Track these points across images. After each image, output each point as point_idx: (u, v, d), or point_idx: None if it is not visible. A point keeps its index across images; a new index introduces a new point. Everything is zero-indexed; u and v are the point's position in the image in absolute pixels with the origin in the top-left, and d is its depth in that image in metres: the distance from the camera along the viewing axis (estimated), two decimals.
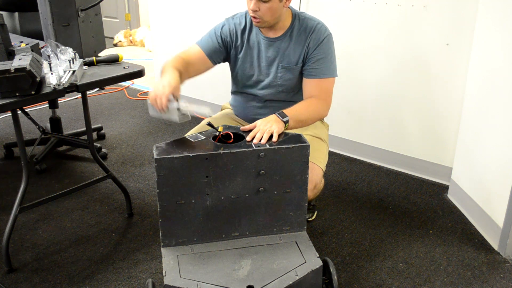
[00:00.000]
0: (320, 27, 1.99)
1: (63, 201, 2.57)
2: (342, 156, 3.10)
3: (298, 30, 1.99)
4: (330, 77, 2.00)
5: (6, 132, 3.44)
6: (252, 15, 1.90)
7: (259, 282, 1.58)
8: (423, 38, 2.62)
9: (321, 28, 1.99)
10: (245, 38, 2.04)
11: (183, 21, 3.64)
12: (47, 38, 2.36)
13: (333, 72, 2.01)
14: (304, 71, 2.01)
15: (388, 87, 2.83)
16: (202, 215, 1.72)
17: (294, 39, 1.99)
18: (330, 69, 2.00)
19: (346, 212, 2.51)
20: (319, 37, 1.97)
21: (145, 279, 2.03)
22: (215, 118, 2.21)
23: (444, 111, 2.67)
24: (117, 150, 3.19)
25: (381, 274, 2.07)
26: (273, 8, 1.87)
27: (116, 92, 4.27)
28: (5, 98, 1.83)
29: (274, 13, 1.89)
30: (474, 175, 2.43)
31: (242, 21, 2.05)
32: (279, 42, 2.00)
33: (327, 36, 1.99)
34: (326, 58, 1.98)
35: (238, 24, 2.05)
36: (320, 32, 1.98)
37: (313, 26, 1.98)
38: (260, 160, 1.67)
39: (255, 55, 2.05)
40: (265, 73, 2.05)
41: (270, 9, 1.86)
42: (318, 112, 1.99)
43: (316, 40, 1.97)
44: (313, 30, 1.98)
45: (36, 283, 2.02)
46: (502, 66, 2.15)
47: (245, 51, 2.05)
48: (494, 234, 2.25)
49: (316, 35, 1.97)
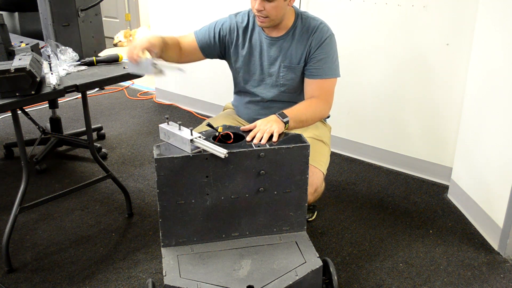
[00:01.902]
0: (322, 27, 1.98)
1: (63, 201, 2.57)
2: (342, 156, 3.10)
3: (301, 29, 1.99)
4: (332, 77, 2.00)
5: (6, 132, 3.44)
6: (257, 15, 1.90)
7: (259, 282, 1.58)
8: (423, 38, 2.62)
9: (323, 28, 1.98)
10: (247, 37, 2.04)
11: (183, 21, 3.63)
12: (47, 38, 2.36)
13: (334, 73, 2.01)
14: (306, 71, 2.00)
15: (388, 87, 2.83)
16: (202, 215, 1.72)
17: (296, 39, 1.99)
18: (332, 69, 1.99)
19: (346, 212, 2.51)
20: (321, 37, 1.96)
21: (145, 279, 2.03)
22: (217, 119, 2.21)
23: (444, 111, 2.67)
24: (117, 150, 3.19)
25: (381, 274, 2.07)
26: (278, 7, 1.87)
27: (116, 92, 4.27)
28: (5, 98, 1.83)
29: (279, 12, 1.89)
30: (474, 175, 2.43)
31: (244, 19, 2.05)
32: (282, 41, 2.00)
33: (329, 36, 1.98)
34: (328, 58, 1.98)
35: (241, 22, 2.04)
36: (323, 32, 1.97)
37: (316, 25, 1.98)
38: (260, 160, 1.67)
39: (257, 54, 2.04)
40: (267, 72, 2.05)
41: (275, 8, 1.86)
42: (319, 112, 1.99)
43: (318, 40, 1.96)
44: (316, 30, 1.97)
45: (36, 283, 2.02)
46: (502, 66, 2.15)
47: (247, 50, 2.04)
48: (494, 234, 2.25)
49: (319, 35, 1.97)
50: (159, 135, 1.74)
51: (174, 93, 3.95)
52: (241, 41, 2.05)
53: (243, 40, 2.05)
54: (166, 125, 1.72)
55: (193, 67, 2.20)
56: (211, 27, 2.06)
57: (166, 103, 4.01)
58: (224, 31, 2.04)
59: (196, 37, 2.05)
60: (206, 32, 2.05)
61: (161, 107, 3.95)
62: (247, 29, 2.04)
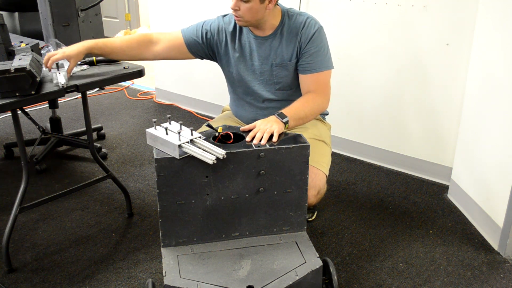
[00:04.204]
0: (310, 21, 1.98)
1: (63, 201, 2.57)
2: (342, 156, 3.10)
3: (289, 27, 1.98)
4: (326, 70, 1.99)
5: (6, 132, 3.44)
6: (233, 14, 1.91)
7: (259, 282, 1.58)
8: (423, 38, 2.62)
9: (311, 22, 1.98)
10: (236, 38, 2.03)
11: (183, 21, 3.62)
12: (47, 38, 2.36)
13: (327, 65, 2.00)
14: (299, 66, 2.00)
15: (388, 87, 2.83)
16: (202, 215, 1.72)
17: (285, 36, 1.98)
18: (325, 62, 1.99)
19: (346, 212, 2.51)
20: (309, 31, 1.96)
21: (145, 279, 2.03)
22: (216, 121, 2.21)
23: (444, 111, 2.67)
24: (117, 150, 3.19)
25: (381, 274, 2.07)
26: (253, 9, 1.86)
27: (116, 92, 4.27)
28: (5, 98, 1.83)
29: (254, 14, 1.88)
30: (474, 175, 2.43)
31: (232, 20, 2.04)
32: (271, 40, 1.99)
33: (318, 29, 1.97)
34: (319, 52, 1.97)
35: (228, 23, 2.04)
36: (311, 26, 1.96)
37: (303, 21, 1.97)
38: (260, 160, 1.67)
39: (248, 55, 2.04)
40: (259, 72, 2.04)
41: (249, 9, 1.86)
42: (317, 106, 1.98)
43: (308, 35, 1.96)
44: (304, 25, 1.97)
45: (36, 283, 2.02)
46: (502, 66, 2.15)
47: (238, 52, 2.04)
48: (494, 234, 2.25)
49: (307, 29, 1.96)
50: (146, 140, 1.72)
51: (174, 93, 3.95)
52: (230, 42, 2.04)
53: (232, 41, 2.04)
54: (153, 129, 1.69)
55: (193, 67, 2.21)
56: (199, 26, 2.06)
57: (166, 103, 4.01)
58: (211, 32, 2.04)
59: (183, 34, 2.06)
60: (194, 30, 2.06)
61: (161, 107, 3.95)
62: (235, 30, 2.03)
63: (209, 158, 1.56)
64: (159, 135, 1.65)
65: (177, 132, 1.63)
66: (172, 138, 1.62)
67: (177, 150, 1.59)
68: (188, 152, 1.60)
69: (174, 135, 1.63)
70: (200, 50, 2.07)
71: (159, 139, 1.65)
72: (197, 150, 1.59)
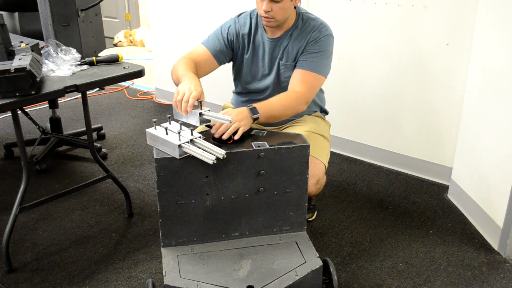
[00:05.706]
0: (322, 27, 2.00)
1: (63, 201, 2.57)
2: (342, 156, 3.10)
3: (300, 29, 2.00)
4: (317, 73, 1.98)
5: (6, 132, 3.44)
6: (264, 15, 1.91)
7: (259, 282, 1.58)
8: (423, 38, 2.62)
9: (323, 28, 2.00)
10: (251, 39, 2.06)
11: (183, 21, 3.63)
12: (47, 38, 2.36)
13: (321, 70, 1.99)
14: (297, 62, 2.01)
15: (388, 87, 2.83)
16: (202, 215, 1.72)
17: (294, 38, 2.00)
18: (320, 66, 1.98)
19: (346, 212, 2.51)
20: (318, 35, 1.98)
21: (145, 279, 2.03)
22: None
23: (444, 111, 2.67)
24: (117, 150, 3.19)
25: (381, 274, 2.07)
26: (285, 8, 1.89)
27: (116, 92, 4.27)
28: (5, 98, 1.83)
29: (285, 12, 1.91)
30: (474, 175, 2.43)
31: (247, 21, 2.06)
32: (282, 41, 2.02)
33: (327, 36, 1.99)
34: (319, 54, 1.97)
35: (243, 25, 2.06)
36: (321, 31, 1.98)
37: (315, 25, 1.99)
38: (260, 160, 1.67)
39: (260, 55, 2.06)
40: (268, 71, 2.07)
41: (282, 8, 1.88)
42: (293, 108, 1.95)
43: (315, 37, 1.98)
44: (314, 29, 1.99)
45: (36, 283, 2.02)
46: (502, 66, 2.15)
47: (251, 52, 2.07)
48: (494, 234, 2.25)
49: (316, 33, 1.98)
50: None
51: None
52: (246, 43, 2.07)
53: (247, 42, 2.06)
54: (153, 129, 1.70)
55: None
56: (219, 34, 2.06)
57: (166, 103, 4.01)
58: (231, 35, 2.05)
59: (207, 48, 2.05)
60: (216, 40, 2.05)
61: (161, 107, 3.95)
62: (250, 31, 2.06)
63: (209, 158, 1.56)
64: (159, 135, 1.65)
65: (177, 132, 1.63)
66: (172, 138, 1.62)
67: (177, 150, 1.59)
68: (188, 152, 1.60)
69: (174, 135, 1.63)
70: (226, 56, 2.08)
71: (159, 139, 1.65)
72: (197, 150, 1.59)
